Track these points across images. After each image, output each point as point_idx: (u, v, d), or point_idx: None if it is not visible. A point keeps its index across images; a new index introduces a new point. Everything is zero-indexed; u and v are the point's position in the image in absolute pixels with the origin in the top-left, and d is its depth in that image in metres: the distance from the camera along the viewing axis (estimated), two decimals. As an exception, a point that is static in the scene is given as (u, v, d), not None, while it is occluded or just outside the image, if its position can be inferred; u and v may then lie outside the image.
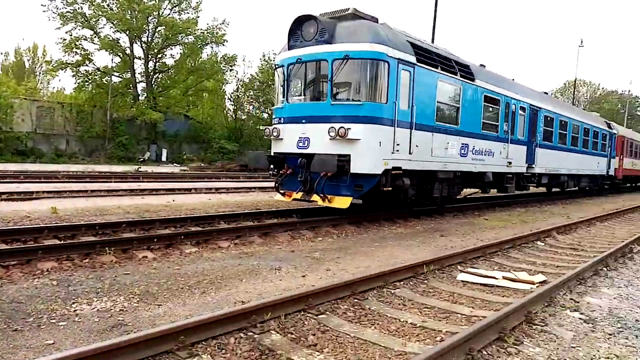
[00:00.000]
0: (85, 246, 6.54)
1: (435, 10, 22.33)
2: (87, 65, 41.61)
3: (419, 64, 10.54)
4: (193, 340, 3.67)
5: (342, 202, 9.57)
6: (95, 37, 41.17)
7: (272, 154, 10.92)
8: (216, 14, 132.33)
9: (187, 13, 45.10)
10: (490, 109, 13.66)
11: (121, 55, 43.22)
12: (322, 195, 9.57)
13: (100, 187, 15.35)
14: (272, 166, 10.72)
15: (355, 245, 8.34)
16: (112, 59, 42.85)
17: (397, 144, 9.98)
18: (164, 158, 42.61)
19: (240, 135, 55.93)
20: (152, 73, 45.68)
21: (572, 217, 13.80)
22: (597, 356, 3.87)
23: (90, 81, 42.73)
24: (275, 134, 10.58)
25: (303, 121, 10.07)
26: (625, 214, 15.72)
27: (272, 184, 11.63)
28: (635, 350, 4.04)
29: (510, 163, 14.72)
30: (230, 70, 53.17)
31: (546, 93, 20.61)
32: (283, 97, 10.67)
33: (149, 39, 43.97)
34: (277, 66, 11.17)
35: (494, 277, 6.36)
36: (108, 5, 41.00)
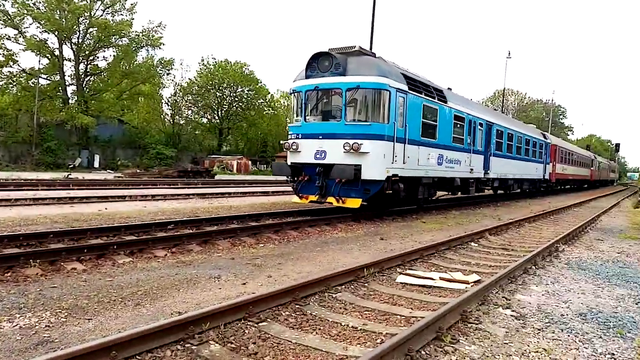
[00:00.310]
0: (8, 259, 6.08)
1: (373, 23, 22.81)
2: (11, 67, 39.20)
3: (409, 91, 12.72)
4: (126, 354, 3.48)
5: (353, 202, 11.56)
6: (19, 36, 38.83)
7: (290, 163, 12.66)
8: (152, 16, 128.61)
9: (121, 14, 43.65)
10: (458, 125, 16.11)
11: (49, 57, 40.99)
12: (337, 197, 11.58)
13: (25, 195, 14.39)
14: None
15: (297, 250, 8.31)
16: (39, 60, 40.58)
17: (396, 156, 12.13)
18: (96, 164, 40.76)
19: (179, 141, 54.64)
20: (83, 76, 43.68)
21: (503, 218, 14.50)
22: (528, 351, 4.06)
23: (14, 83, 40.25)
24: (294, 147, 12.42)
25: (320, 137, 11.99)
26: (551, 215, 16.71)
27: (210, 190, 12.42)
28: (560, 343, 4.27)
29: (472, 170, 17.35)
30: (168, 74, 51.88)
31: (496, 109, 22.80)
32: (299, 116, 12.62)
33: (80, 40, 42.07)
34: (294, 91, 12.98)
35: (431, 278, 6.54)
36: (34, 4, 38.79)
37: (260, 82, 68.50)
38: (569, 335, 4.45)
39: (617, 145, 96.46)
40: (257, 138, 72.34)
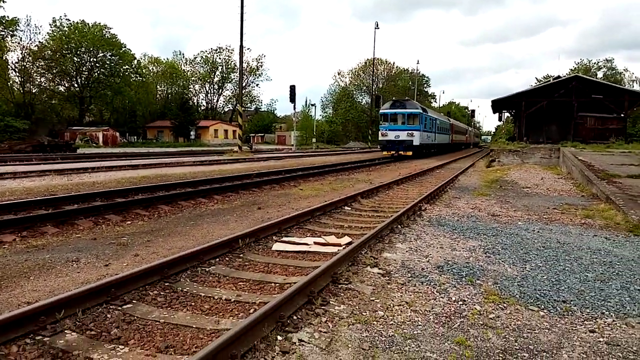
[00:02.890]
0: None
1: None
2: None
3: (423, 112, 32.48)
4: (-43, 358, 3.06)
5: (409, 153, 30.63)
6: None
7: (381, 141, 32.37)
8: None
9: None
10: (430, 122, 35.15)
11: None
12: (403, 152, 30.59)
13: None
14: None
15: (168, 226, 7.92)
16: None
17: (421, 136, 31.48)
18: None
19: (32, 111, 48.81)
20: None
21: (374, 182, 15.29)
22: (392, 305, 4.32)
23: None
24: (384, 134, 31.51)
25: (396, 130, 30.99)
26: (417, 177, 18.03)
27: (71, 166, 12.26)
28: (420, 295, 4.62)
29: (432, 140, 36.29)
30: (12, 36, 45.47)
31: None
32: (387, 122, 31.71)
33: None
34: (382, 113, 32.77)
35: (306, 244, 6.67)
36: None
37: (125, 47, 63.45)
38: (427, 287, 4.83)
39: (473, 111, 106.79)
40: (125, 107, 67.33)
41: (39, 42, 54.92)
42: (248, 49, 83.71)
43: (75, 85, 60.82)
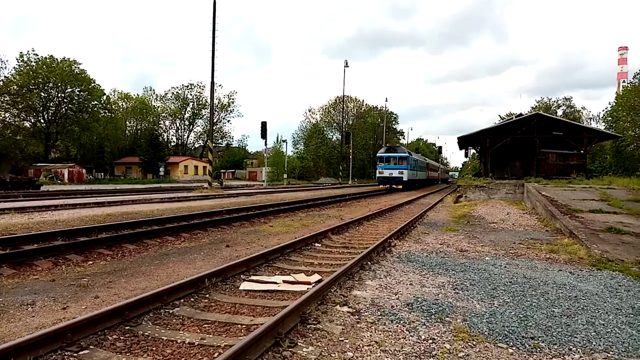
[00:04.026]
0: None
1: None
2: None
3: (410, 155, 44.01)
4: None
5: (400, 187, 40.22)
6: None
7: (379, 177, 42.46)
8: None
9: None
10: (414, 162, 45.86)
11: None
12: (395, 185, 40.40)
13: None
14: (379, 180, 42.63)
15: (132, 265, 7.66)
16: None
17: (409, 173, 41.81)
18: None
19: (-6, 148, 47.39)
20: None
21: (345, 218, 15.30)
22: (361, 345, 4.23)
23: None
24: (380, 172, 41.85)
25: (390, 169, 41.23)
26: (386, 213, 18.14)
27: (33, 203, 12.79)
28: (390, 334, 4.55)
29: (415, 176, 45.94)
30: (-23, 71, 44.54)
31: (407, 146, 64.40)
32: (383, 163, 41.99)
33: None
34: (379, 156, 43.16)
35: (275, 282, 6.54)
36: None
37: (94, 82, 62.92)
38: (397, 326, 4.77)
39: (440, 148, 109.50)
40: (93, 143, 66.14)
41: (5, 76, 54.01)
42: (219, 85, 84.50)
43: (42, 120, 59.62)
